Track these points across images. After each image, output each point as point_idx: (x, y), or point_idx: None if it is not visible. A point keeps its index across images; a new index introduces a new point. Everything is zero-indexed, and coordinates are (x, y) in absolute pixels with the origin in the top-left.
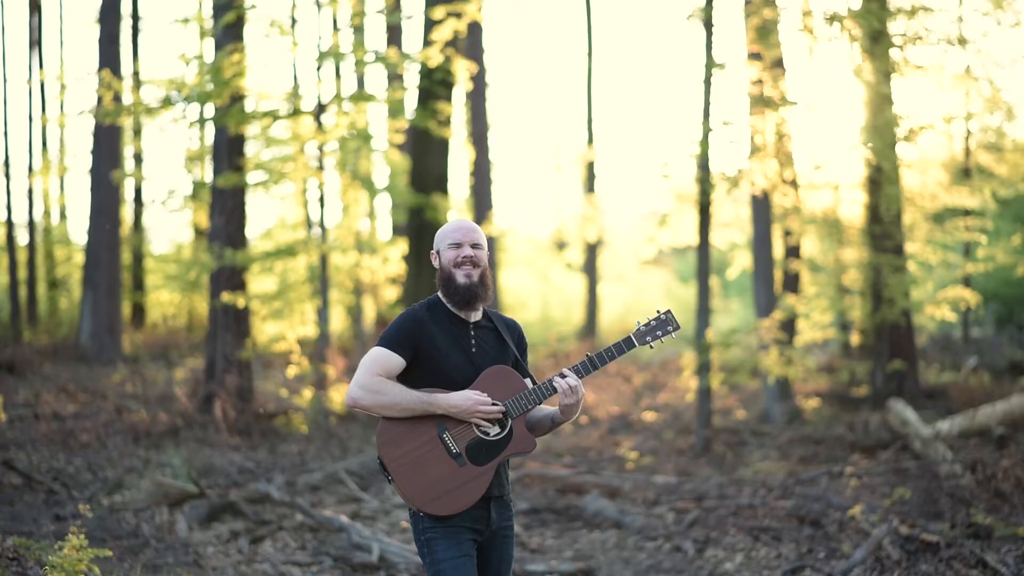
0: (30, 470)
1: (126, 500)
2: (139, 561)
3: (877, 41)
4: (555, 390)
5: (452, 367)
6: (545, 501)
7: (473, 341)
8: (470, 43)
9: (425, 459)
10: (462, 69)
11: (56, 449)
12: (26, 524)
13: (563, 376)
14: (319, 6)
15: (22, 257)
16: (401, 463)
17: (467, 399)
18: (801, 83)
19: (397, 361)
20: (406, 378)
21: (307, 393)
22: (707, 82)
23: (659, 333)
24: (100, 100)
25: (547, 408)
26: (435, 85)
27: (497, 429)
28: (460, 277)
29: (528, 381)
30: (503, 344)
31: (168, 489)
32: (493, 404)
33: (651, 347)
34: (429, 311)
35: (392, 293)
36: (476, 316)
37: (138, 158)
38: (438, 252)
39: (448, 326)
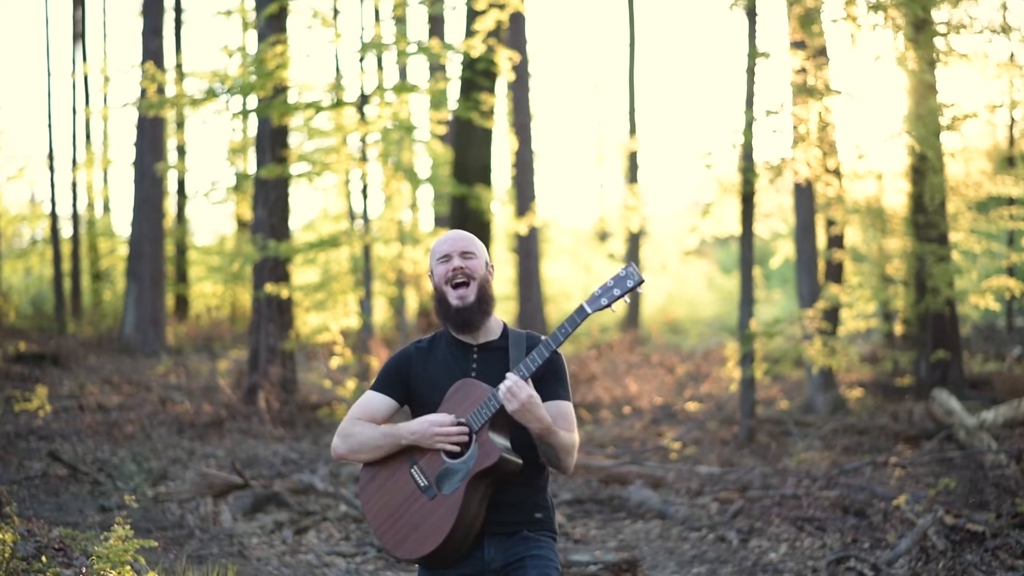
0: (75, 461)
1: (171, 491)
2: (184, 552)
3: (920, 29)
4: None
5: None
6: (589, 491)
7: (474, 365)
8: (513, 33)
9: (397, 500)
10: (505, 59)
11: (101, 440)
12: (71, 515)
13: (504, 380)
14: None
15: (66, 250)
16: (377, 512)
17: (424, 422)
18: (844, 72)
19: (382, 402)
20: (409, 419)
21: (350, 384)
22: (750, 71)
23: (616, 292)
24: (144, 92)
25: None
26: (478, 75)
27: (466, 450)
28: (453, 298)
29: (559, 404)
30: (506, 366)
31: (212, 480)
32: (457, 423)
33: (612, 310)
34: (430, 343)
35: None
36: (485, 337)
37: (181, 150)
38: (431, 272)
39: (448, 354)
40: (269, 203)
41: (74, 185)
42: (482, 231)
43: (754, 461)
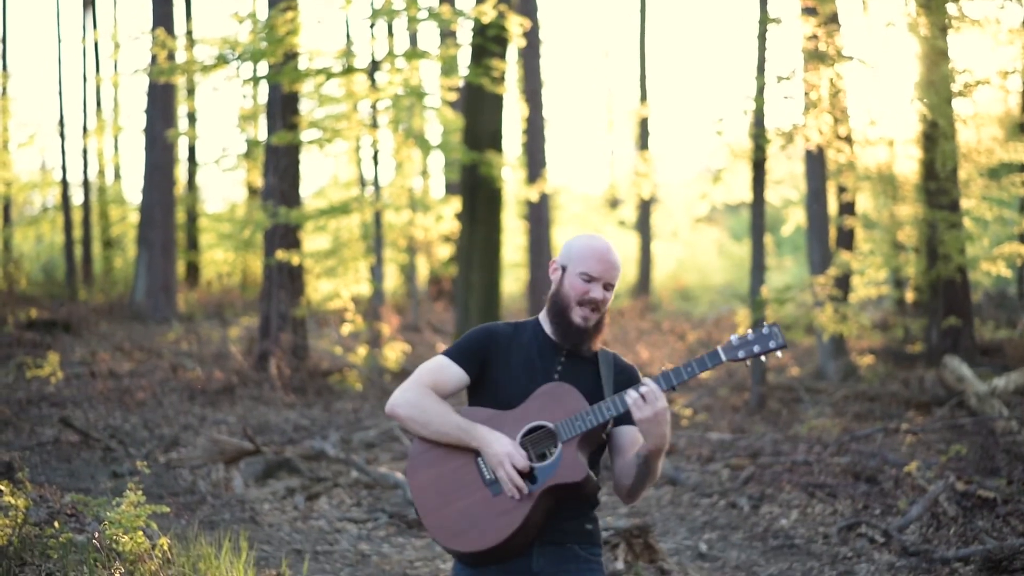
0: (87, 428)
1: (182, 457)
2: (196, 517)
3: None
4: (624, 406)
5: (517, 391)
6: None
7: (559, 367)
8: None
9: (454, 485)
10: (515, 25)
11: (112, 407)
12: (84, 481)
13: (637, 387)
14: None
15: (77, 217)
16: (426, 489)
17: (504, 446)
18: (856, 38)
19: (456, 374)
20: (470, 399)
21: (361, 351)
22: (762, 37)
23: (756, 349)
24: (154, 59)
25: (633, 449)
26: (488, 42)
27: (550, 453)
28: (577, 317)
29: (630, 430)
30: (596, 383)
31: (224, 446)
32: (523, 469)
33: (747, 364)
34: (516, 328)
35: (445, 251)
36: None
37: (192, 117)
38: (562, 268)
39: (534, 346)
40: (280, 170)
41: (85, 152)
42: (493, 198)
43: (765, 428)
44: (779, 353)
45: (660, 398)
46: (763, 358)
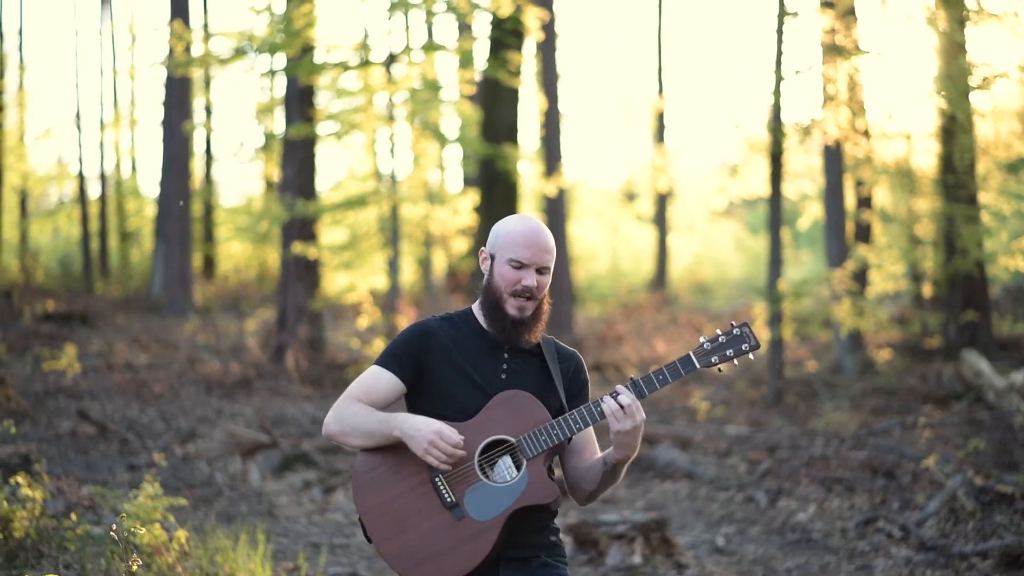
0: (104, 420)
1: (199, 449)
2: (213, 510)
3: None
4: (600, 416)
5: (465, 397)
6: None
7: (504, 366)
8: None
9: (410, 509)
10: (533, 18)
11: (129, 399)
12: (101, 473)
13: (615, 395)
14: None
15: (94, 210)
16: (380, 514)
17: (427, 425)
18: (873, 31)
19: (388, 381)
20: (411, 408)
21: (378, 344)
22: (779, 31)
23: (729, 352)
24: (171, 51)
25: (595, 454)
26: (506, 35)
27: (512, 472)
28: (511, 309)
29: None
30: (545, 378)
31: (241, 439)
32: (457, 444)
33: (719, 370)
34: (451, 323)
35: (462, 244)
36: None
37: (208, 110)
38: (491, 257)
39: (474, 344)
40: (297, 163)
41: (101, 145)
42: (510, 191)
43: (782, 422)
44: (751, 355)
45: (639, 410)
46: (735, 361)
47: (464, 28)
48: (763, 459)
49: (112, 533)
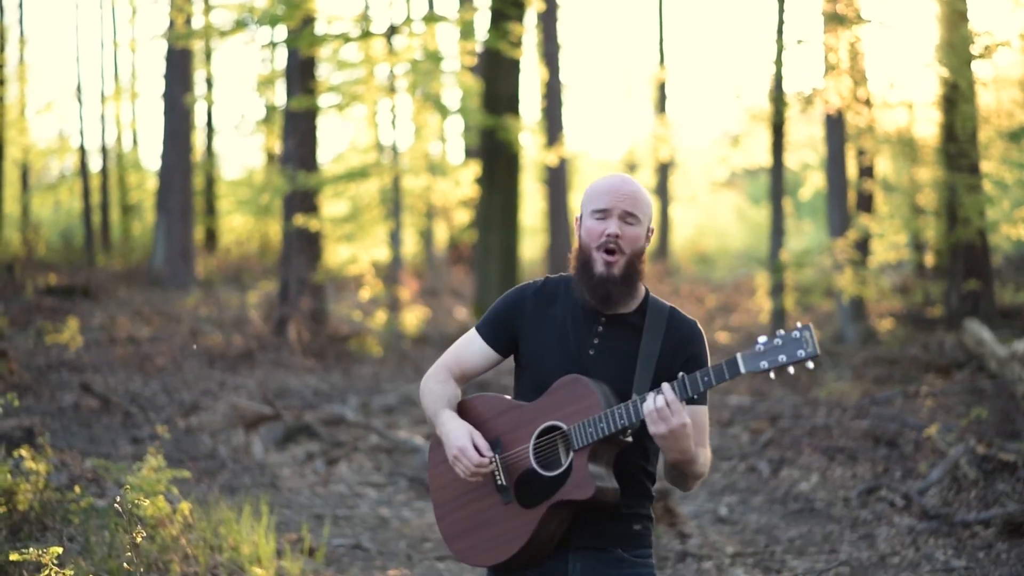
0: (107, 393)
1: (202, 422)
2: (216, 482)
3: None
4: (638, 416)
5: (551, 370)
6: None
7: (596, 340)
8: None
9: (470, 486)
10: None
11: (132, 372)
12: (104, 446)
13: (657, 393)
14: None
15: (95, 183)
16: (444, 486)
17: (457, 437)
18: (875, 0)
19: (480, 350)
20: (516, 379)
21: (380, 315)
22: (781, 0)
23: (782, 358)
24: (172, 24)
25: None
26: (506, 5)
27: (562, 462)
28: (599, 265)
29: (695, 410)
30: (634, 356)
31: (244, 411)
32: (485, 460)
33: (771, 376)
34: (554, 291)
35: (464, 216)
36: (621, 307)
37: (209, 82)
38: (580, 218)
39: (568, 313)
40: (298, 135)
41: (103, 118)
42: (511, 163)
43: (785, 392)
44: (810, 363)
45: (677, 412)
46: (790, 369)
47: None
48: (765, 429)
49: (116, 506)
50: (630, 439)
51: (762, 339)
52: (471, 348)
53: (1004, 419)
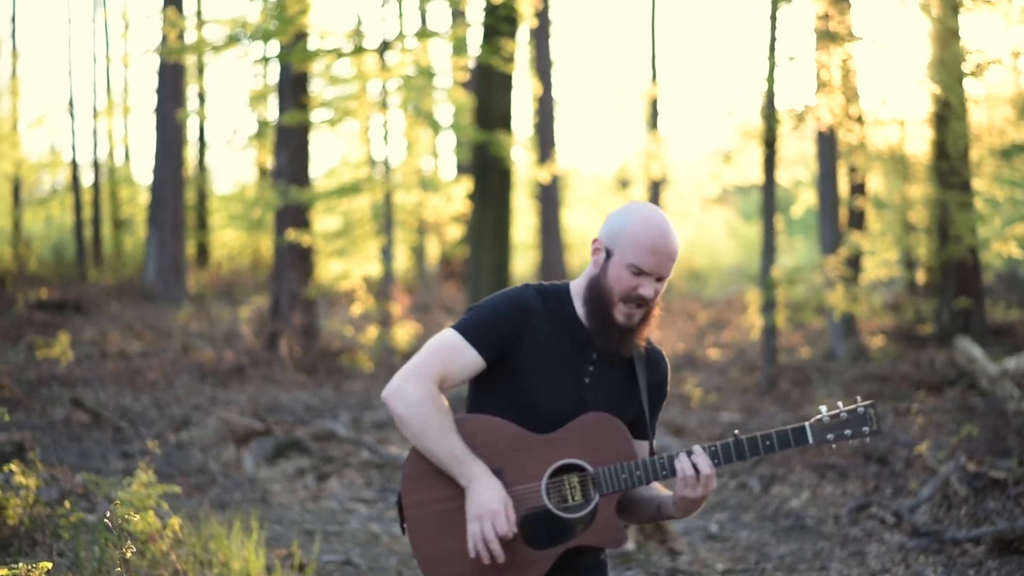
0: (98, 408)
1: (193, 437)
2: (207, 497)
3: None
4: (673, 472)
5: (547, 395)
6: None
7: (591, 367)
8: None
9: (459, 515)
10: (526, 5)
11: (123, 387)
12: (94, 460)
13: (690, 454)
14: None
15: (87, 197)
16: (425, 512)
17: (491, 503)
18: (867, 17)
19: (470, 361)
20: (477, 384)
21: (372, 331)
22: (773, 17)
23: (847, 432)
24: (164, 39)
25: (657, 490)
26: (499, 21)
27: (579, 501)
28: (620, 315)
29: (643, 446)
30: (631, 387)
31: (235, 426)
32: (505, 536)
33: (832, 447)
34: (547, 303)
35: (456, 231)
36: None
37: (202, 97)
38: (609, 251)
39: (565, 335)
40: (290, 150)
41: (95, 133)
42: (503, 178)
43: (776, 408)
44: (868, 439)
45: (712, 479)
46: (850, 441)
47: (457, 15)
48: None
49: (106, 520)
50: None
51: (825, 409)
52: (461, 359)
53: (995, 437)
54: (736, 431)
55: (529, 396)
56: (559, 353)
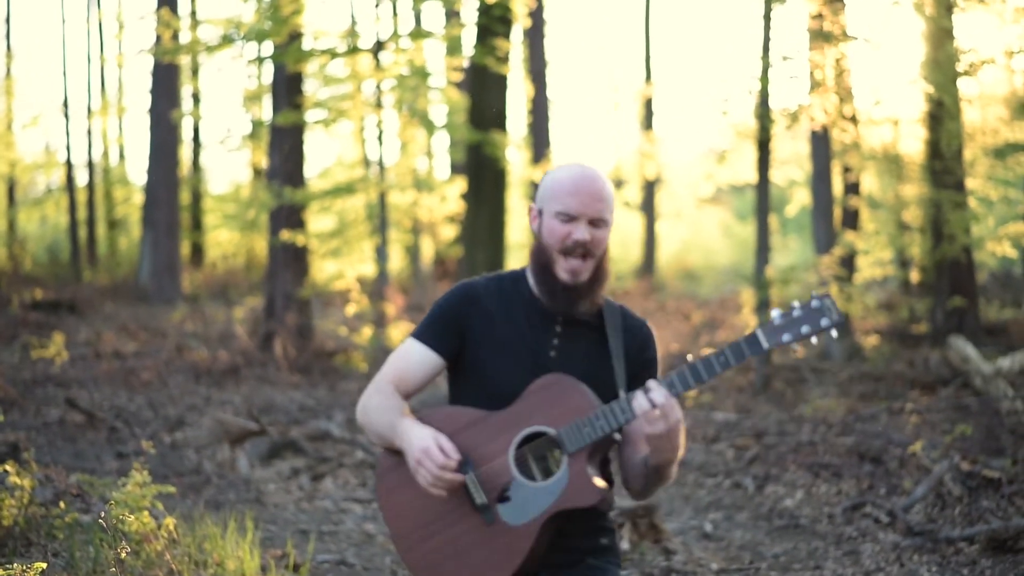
0: (92, 408)
1: (187, 437)
2: (201, 497)
3: None
4: (634, 413)
5: (505, 375)
6: None
7: (556, 341)
8: None
9: (439, 512)
10: (520, 5)
11: (117, 387)
12: (89, 461)
13: (647, 392)
14: None
15: (82, 198)
16: (404, 516)
17: (419, 439)
18: (861, 17)
19: (421, 357)
20: (452, 386)
21: (366, 331)
22: (766, 17)
23: (805, 329)
24: (158, 39)
25: (644, 447)
26: (493, 21)
27: (552, 470)
28: (562, 272)
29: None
30: (602, 355)
31: (229, 426)
32: (451, 463)
33: (793, 349)
34: (499, 286)
35: (450, 231)
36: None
37: (196, 97)
38: (540, 212)
39: (521, 312)
40: (284, 150)
41: (89, 133)
42: (498, 178)
43: (770, 408)
44: (834, 332)
45: (674, 409)
46: (814, 340)
47: (452, 15)
48: (751, 445)
49: (101, 521)
50: (619, 438)
51: (777, 312)
52: (411, 359)
53: (989, 436)
54: (689, 356)
55: (493, 381)
56: (516, 333)
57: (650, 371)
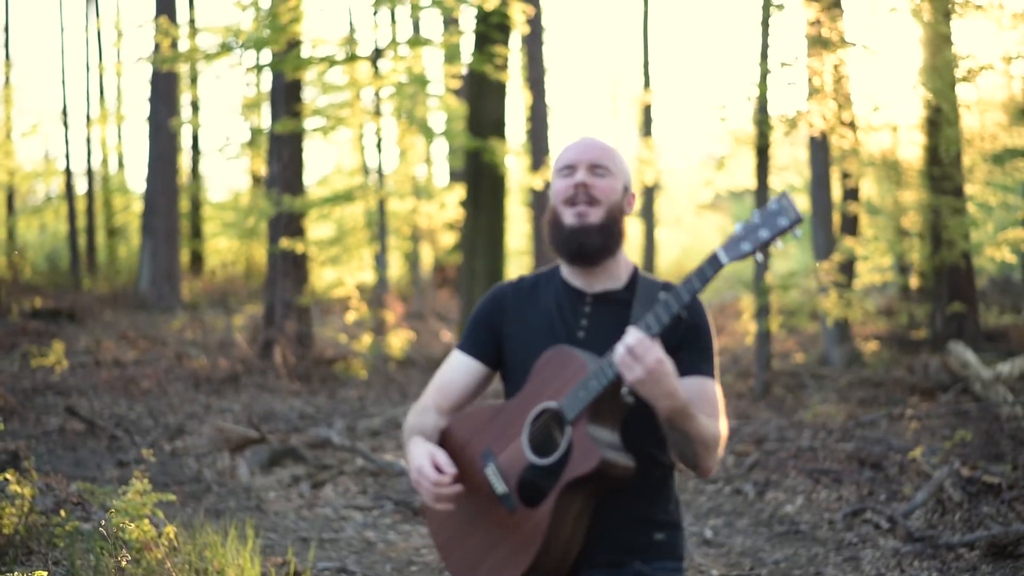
0: (92, 416)
1: (188, 445)
2: (202, 505)
3: None
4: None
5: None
6: None
7: (584, 321)
8: None
9: (472, 511)
10: (519, 12)
11: (117, 395)
12: (89, 469)
13: (623, 339)
14: None
15: (81, 206)
16: (445, 523)
17: (416, 458)
18: (859, 23)
19: (465, 366)
20: (505, 390)
21: (366, 339)
22: (765, 23)
23: (764, 234)
24: (157, 47)
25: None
26: (491, 29)
27: (556, 441)
28: (569, 218)
29: (690, 382)
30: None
31: (229, 434)
32: (444, 478)
33: (758, 259)
34: (532, 280)
35: (449, 239)
36: (604, 284)
37: (195, 105)
38: (551, 189)
39: (552, 300)
40: (283, 158)
41: (88, 141)
42: (497, 185)
43: (770, 414)
44: (797, 231)
45: (649, 350)
46: (778, 243)
47: (450, 22)
48: (751, 451)
49: (101, 529)
50: (631, 399)
51: (739, 224)
52: (451, 368)
53: (988, 441)
54: (660, 292)
55: (525, 374)
56: (546, 319)
57: (696, 343)
